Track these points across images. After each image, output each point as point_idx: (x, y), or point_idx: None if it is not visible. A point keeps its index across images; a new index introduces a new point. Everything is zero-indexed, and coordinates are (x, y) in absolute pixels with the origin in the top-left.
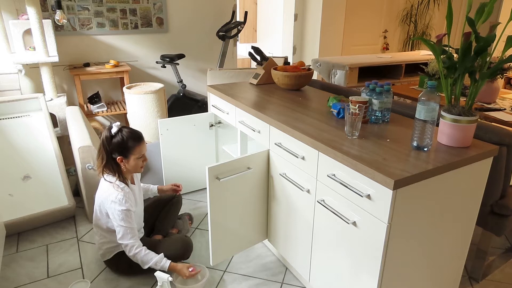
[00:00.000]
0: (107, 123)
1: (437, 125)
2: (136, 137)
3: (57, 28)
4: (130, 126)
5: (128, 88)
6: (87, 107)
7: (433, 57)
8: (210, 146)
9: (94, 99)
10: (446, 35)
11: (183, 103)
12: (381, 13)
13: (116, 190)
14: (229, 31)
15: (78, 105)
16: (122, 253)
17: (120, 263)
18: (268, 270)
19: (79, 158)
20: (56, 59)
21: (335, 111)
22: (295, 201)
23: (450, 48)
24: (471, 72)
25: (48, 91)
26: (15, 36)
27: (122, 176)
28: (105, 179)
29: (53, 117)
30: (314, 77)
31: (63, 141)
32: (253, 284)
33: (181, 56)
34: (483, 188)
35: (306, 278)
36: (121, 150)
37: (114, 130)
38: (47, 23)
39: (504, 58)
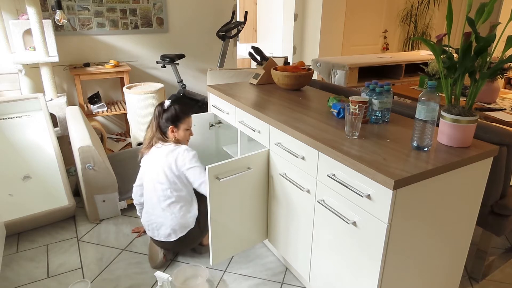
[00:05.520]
0: (107, 123)
1: (437, 125)
2: (186, 110)
3: (57, 28)
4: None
5: (128, 88)
6: (87, 107)
7: (433, 57)
8: (210, 146)
9: (94, 99)
10: (446, 35)
11: (183, 103)
12: (381, 13)
13: (177, 146)
14: (229, 31)
15: (78, 105)
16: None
17: (194, 230)
18: (268, 270)
19: (79, 158)
20: (56, 59)
21: (335, 111)
22: (295, 201)
23: (450, 48)
24: (471, 72)
25: (48, 91)
26: (15, 36)
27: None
28: (158, 147)
29: (53, 117)
30: (314, 77)
31: (63, 141)
32: (253, 284)
33: (181, 56)
34: (483, 188)
35: (306, 278)
36: (172, 120)
37: (167, 104)
38: (47, 23)
39: (504, 58)
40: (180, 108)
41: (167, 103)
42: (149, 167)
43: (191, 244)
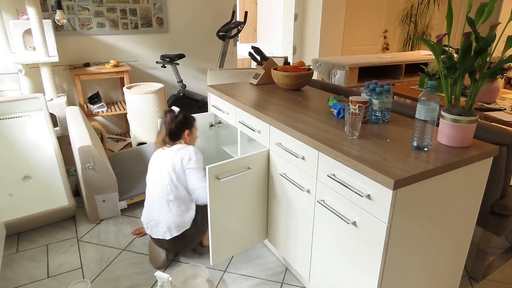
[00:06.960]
0: (107, 123)
1: (437, 125)
2: (191, 115)
3: (57, 28)
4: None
5: (128, 88)
6: (87, 107)
7: (433, 57)
8: (210, 146)
9: (94, 99)
10: (446, 35)
11: (183, 103)
12: (381, 13)
13: (186, 145)
14: (229, 31)
15: (78, 105)
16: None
17: (191, 230)
18: (268, 270)
19: (79, 158)
20: (56, 59)
21: (335, 111)
22: (295, 201)
23: (450, 48)
24: (471, 72)
25: (48, 91)
26: (15, 36)
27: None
28: (165, 148)
29: (53, 117)
30: (314, 77)
31: (63, 141)
32: (253, 284)
33: (181, 56)
34: (483, 188)
35: (306, 278)
36: (187, 124)
37: (177, 110)
38: (47, 23)
39: (504, 58)
40: (187, 114)
41: (176, 109)
42: (155, 165)
43: (188, 244)
